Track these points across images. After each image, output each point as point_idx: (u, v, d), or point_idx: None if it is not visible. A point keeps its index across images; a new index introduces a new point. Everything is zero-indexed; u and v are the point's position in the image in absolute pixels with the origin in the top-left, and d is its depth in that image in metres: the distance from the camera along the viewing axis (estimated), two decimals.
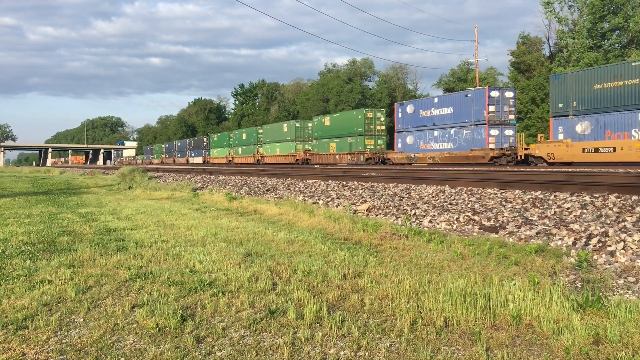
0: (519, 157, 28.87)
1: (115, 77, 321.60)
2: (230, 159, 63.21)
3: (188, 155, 78.41)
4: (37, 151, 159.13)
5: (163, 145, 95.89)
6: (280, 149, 51.85)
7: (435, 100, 34.86)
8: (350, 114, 43.20)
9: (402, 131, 37.31)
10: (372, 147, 40.15)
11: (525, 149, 28.45)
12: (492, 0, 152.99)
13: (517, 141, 29.68)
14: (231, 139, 64.81)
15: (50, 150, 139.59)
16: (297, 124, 50.11)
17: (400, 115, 37.65)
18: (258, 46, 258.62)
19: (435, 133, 34.10)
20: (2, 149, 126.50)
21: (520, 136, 30.00)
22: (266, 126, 57.77)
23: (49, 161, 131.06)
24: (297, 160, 48.11)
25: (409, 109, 36.70)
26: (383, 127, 41.33)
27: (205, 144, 72.79)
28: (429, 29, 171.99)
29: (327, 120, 45.67)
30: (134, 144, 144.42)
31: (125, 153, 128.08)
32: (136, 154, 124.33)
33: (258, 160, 56.06)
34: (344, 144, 42.20)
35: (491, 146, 30.11)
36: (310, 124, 49.66)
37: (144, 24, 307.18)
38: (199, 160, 72.94)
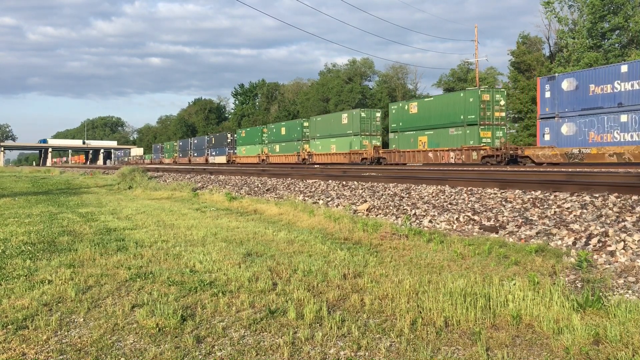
0: None
1: (115, 77, 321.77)
2: (264, 158, 54.25)
3: (208, 154, 69.22)
4: (37, 151, 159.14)
5: (175, 143, 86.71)
6: (336, 146, 42.42)
7: (623, 68, 23.32)
8: (455, 97, 32.46)
9: (553, 117, 26.11)
10: (489, 140, 29.98)
11: None
12: (492, 0, 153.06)
13: None
14: (265, 135, 55.57)
15: (50, 150, 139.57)
16: (363, 114, 40.43)
17: (548, 93, 26.51)
18: (258, 46, 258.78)
19: (623, 117, 23.14)
20: (2, 148, 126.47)
21: None
22: (316, 118, 47.78)
23: (49, 161, 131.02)
24: (363, 159, 38.69)
25: (567, 84, 25.63)
26: (503, 114, 30.93)
27: (229, 140, 64.24)
28: (429, 29, 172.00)
29: (413, 106, 35.01)
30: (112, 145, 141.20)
31: (133, 152, 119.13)
32: (144, 153, 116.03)
33: (304, 159, 46.82)
34: (443, 137, 31.87)
35: None
36: (378, 114, 41.28)
37: (144, 24, 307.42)
38: (222, 159, 64.02)
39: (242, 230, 7.59)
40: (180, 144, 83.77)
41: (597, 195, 7.80)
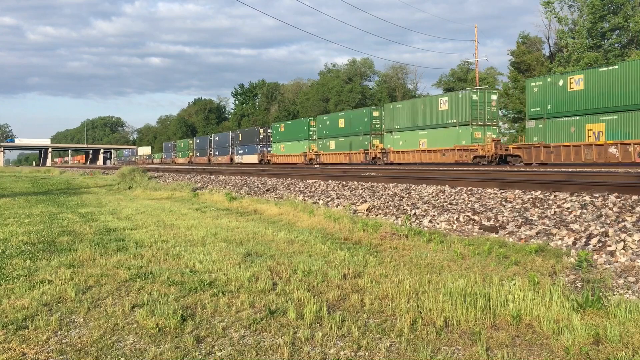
0: None
1: (115, 77, 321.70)
2: (313, 156, 44.21)
3: (233, 153, 60.54)
4: (37, 151, 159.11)
5: (191, 141, 77.72)
6: (429, 140, 32.12)
7: None
8: None
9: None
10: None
11: None
12: (493, 0, 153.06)
13: None
14: (313, 128, 45.81)
15: (50, 150, 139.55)
16: (474, 96, 29.76)
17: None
18: (258, 46, 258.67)
19: None
20: (2, 148, 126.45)
21: None
22: (394, 105, 36.36)
23: (49, 161, 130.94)
24: (476, 157, 28.47)
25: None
26: None
27: (262, 136, 55.05)
28: (430, 29, 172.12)
29: (576, 80, 24.28)
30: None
31: (140, 152, 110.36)
32: (153, 152, 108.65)
33: (374, 158, 36.44)
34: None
35: None
36: (494, 96, 30.82)
37: (144, 24, 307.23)
38: (252, 159, 55.15)
39: (242, 230, 7.59)
40: (198, 141, 74.45)
41: (597, 195, 7.80)
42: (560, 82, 25.16)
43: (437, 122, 32.10)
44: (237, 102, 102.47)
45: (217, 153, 65.99)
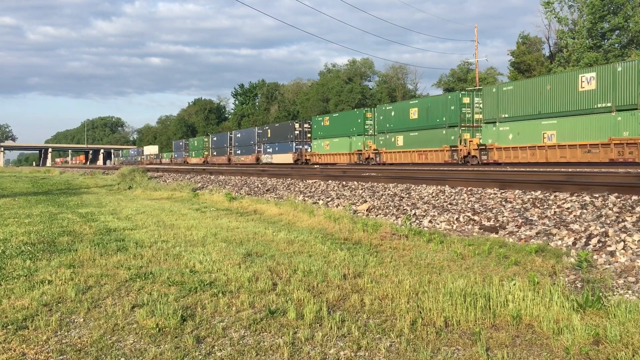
0: None
1: (115, 77, 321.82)
2: (370, 155, 35.88)
3: (259, 152, 53.14)
4: (37, 151, 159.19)
5: (207, 139, 69.64)
6: (559, 133, 23.69)
7: None
8: None
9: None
10: None
11: None
12: (493, 0, 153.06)
13: None
14: (369, 121, 37.23)
15: (50, 150, 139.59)
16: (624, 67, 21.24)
17: None
18: (258, 46, 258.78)
19: None
20: (2, 149, 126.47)
21: None
22: (501, 87, 27.76)
23: (48, 161, 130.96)
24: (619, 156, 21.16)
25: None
26: None
27: (297, 132, 46.38)
28: (430, 29, 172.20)
29: None
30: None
31: (146, 151, 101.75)
32: (161, 152, 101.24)
33: (467, 156, 28.91)
34: None
35: None
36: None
37: (144, 24, 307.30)
38: (285, 158, 46.72)
39: (242, 231, 7.59)
40: (215, 139, 66.23)
41: (597, 195, 7.80)
42: None
43: (573, 107, 23.29)
44: (237, 102, 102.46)
45: (238, 152, 58.14)
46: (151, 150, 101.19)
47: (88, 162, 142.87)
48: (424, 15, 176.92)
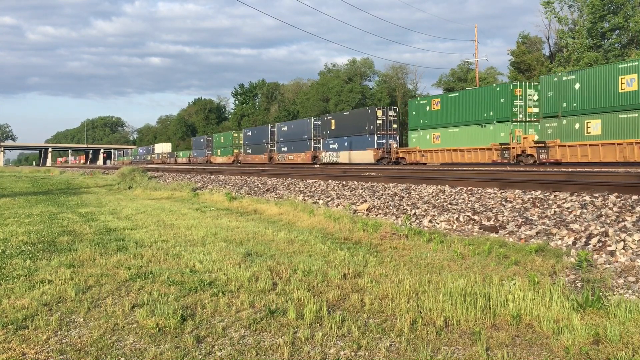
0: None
1: (115, 77, 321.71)
2: (526, 150, 25.97)
3: (318, 149, 43.69)
4: (37, 151, 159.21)
5: (236, 135, 60.13)
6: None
7: None
8: None
9: None
10: None
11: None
12: (493, 0, 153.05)
13: None
14: (519, 99, 27.75)
15: (50, 150, 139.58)
16: None
17: None
18: (258, 46, 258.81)
19: None
20: (2, 149, 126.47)
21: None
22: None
23: (48, 161, 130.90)
24: None
25: None
26: None
27: (380, 122, 36.81)
28: (430, 29, 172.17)
29: None
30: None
31: (157, 149, 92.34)
32: (175, 150, 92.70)
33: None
34: None
35: None
36: None
37: (144, 24, 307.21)
38: (364, 156, 37.12)
39: (242, 230, 7.59)
40: (249, 133, 56.37)
41: (597, 195, 7.80)
42: None
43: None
44: (237, 102, 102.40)
45: (284, 149, 48.92)
46: (163, 148, 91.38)
47: (88, 162, 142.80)
48: (424, 15, 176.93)
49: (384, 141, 37.27)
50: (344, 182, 13.64)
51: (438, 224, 7.78)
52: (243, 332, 3.43)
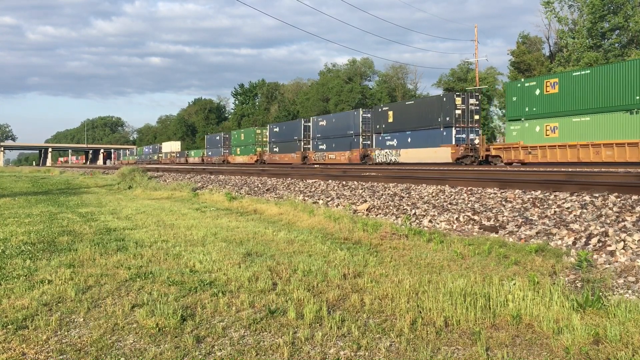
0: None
1: (115, 77, 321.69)
2: None
3: (367, 146, 37.88)
4: (37, 151, 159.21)
5: (259, 131, 54.22)
6: None
7: None
8: None
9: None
10: None
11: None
12: (493, 0, 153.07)
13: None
14: None
15: (50, 150, 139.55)
16: None
17: None
18: (258, 46, 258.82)
19: None
20: (2, 148, 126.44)
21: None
22: None
23: (48, 161, 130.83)
24: None
25: None
26: None
27: (458, 112, 30.34)
28: (430, 29, 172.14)
29: None
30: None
31: (165, 148, 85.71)
32: (185, 149, 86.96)
33: None
34: None
35: None
36: None
37: (144, 24, 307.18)
38: (439, 154, 30.75)
39: (242, 230, 7.59)
40: (277, 130, 50.26)
41: (597, 195, 7.80)
42: None
43: None
44: (237, 102, 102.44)
45: (322, 147, 42.55)
46: (172, 147, 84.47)
47: (88, 162, 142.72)
48: (424, 15, 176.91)
49: (463, 135, 30.35)
50: (343, 182, 13.64)
51: (438, 224, 7.78)
52: (243, 332, 3.43)
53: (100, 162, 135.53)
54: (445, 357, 3.04)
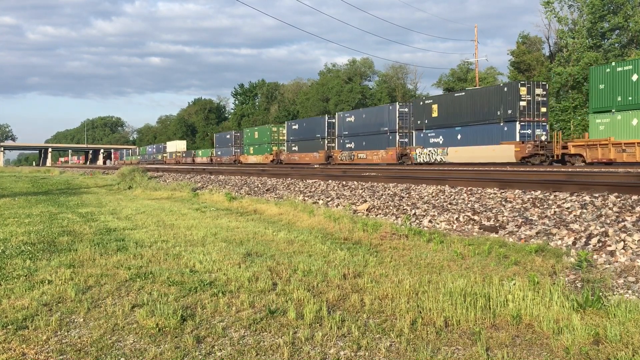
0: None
1: (115, 77, 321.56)
2: None
3: (403, 145, 34.20)
4: (37, 151, 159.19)
5: (276, 128, 50.95)
6: None
7: None
8: None
9: None
10: None
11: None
12: None
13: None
14: None
15: (50, 150, 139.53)
16: None
17: None
18: (258, 45, 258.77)
19: None
20: (2, 149, 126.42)
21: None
22: None
23: (48, 161, 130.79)
24: None
25: None
26: None
27: (522, 104, 26.64)
28: (430, 29, 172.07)
29: None
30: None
31: (170, 148, 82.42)
32: (192, 148, 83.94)
33: None
34: None
35: None
36: None
37: (144, 23, 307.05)
38: (488, 152, 27.71)
39: (242, 230, 7.59)
40: (296, 127, 46.56)
41: (597, 195, 7.80)
42: None
43: None
44: (237, 102, 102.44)
45: (350, 145, 38.47)
46: (177, 146, 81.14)
47: (88, 162, 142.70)
48: (425, 14, 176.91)
49: (528, 131, 26.52)
50: (343, 182, 13.64)
51: (438, 224, 7.78)
52: (243, 332, 3.43)
53: (100, 162, 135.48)
54: (445, 357, 3.04)
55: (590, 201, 7.49)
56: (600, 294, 3.93)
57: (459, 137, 29.55)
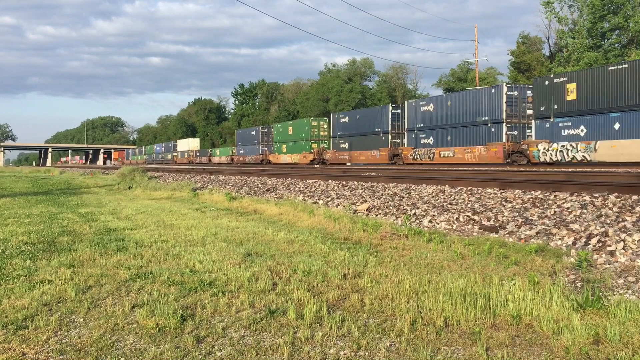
0: None
1: (115, 77, 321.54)
2: None
3: (513, 137, 26.53)
4: (37, 151, 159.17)
5: (315, 123, 44.09)
6: None
7: None
8: None
9: None
10: None
11: None
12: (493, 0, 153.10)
13: None
14: None
15: (50, 150, 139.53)
16: None
17: None
18: (258, 45, 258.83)
19: None
20: (2, 149, 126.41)
21: None
22: None
23: (48, 161, 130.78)
24: None
25: None
26: None
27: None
28: (430, 29, 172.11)
29: None
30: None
31: (181, 146, 77.20)
32: (206, 147, 79.33)
33: None
34: None
35: None
36: None
37: (144, 23, 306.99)
38: None
39: (242, 230, 7.59)
40: (346, 120, 39.83)
41: (597, 195, 7.80)
42: None
43: None
44: (237, 102, 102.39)
45: (427, 140, 31.58)
46: (190, 145, 74.37)
47: (88, 162, 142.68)
48: (425, 14, 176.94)
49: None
50: (343, 182, 13.64)
51: (438, 224, 7.78)
52: (243, 332, 3.43)
53: (100, 162, 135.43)
54: (445, 357, 3.04)
55: (590, 201, 7.49)
56: (600, 294, 3.93)
57: (616, 126, 21.31)
